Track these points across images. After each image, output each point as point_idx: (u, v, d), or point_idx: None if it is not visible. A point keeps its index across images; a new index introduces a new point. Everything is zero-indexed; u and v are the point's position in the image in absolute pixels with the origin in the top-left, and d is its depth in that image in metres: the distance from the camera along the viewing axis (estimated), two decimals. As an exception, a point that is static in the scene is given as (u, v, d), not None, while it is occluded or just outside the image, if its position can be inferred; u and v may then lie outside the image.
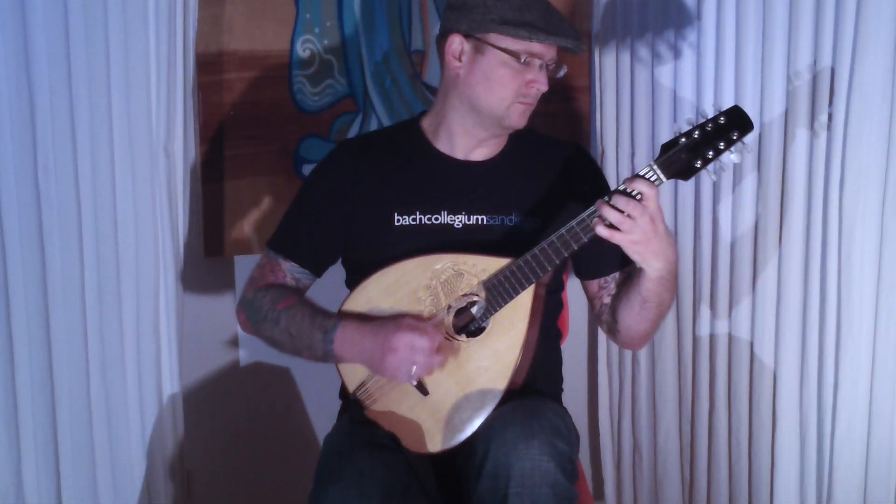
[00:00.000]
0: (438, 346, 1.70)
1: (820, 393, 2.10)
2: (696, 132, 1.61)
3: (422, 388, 1.75)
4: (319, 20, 2.38)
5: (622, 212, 1.59)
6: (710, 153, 1.61)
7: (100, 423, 1.99)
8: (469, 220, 1.81)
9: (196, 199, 2.30)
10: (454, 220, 1.81)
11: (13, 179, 1.79)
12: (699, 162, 1.62)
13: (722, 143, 1.61)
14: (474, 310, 1.75)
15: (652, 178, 1.62)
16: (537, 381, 1.81)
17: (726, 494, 2.33)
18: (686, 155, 1.62)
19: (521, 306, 1.72)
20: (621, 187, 1.62)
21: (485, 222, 1.81)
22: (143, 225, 2.03)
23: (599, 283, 1.88)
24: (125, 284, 2.01)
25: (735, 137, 1.61)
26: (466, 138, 1.84)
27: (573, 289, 2.03)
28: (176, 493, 2.20)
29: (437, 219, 1.81)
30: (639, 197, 1.59)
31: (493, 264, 1.72)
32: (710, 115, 1.62)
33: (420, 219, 1.82)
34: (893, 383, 2.05)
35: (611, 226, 1.60)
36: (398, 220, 1.82)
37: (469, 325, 1.75)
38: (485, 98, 1.76)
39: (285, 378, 2.66)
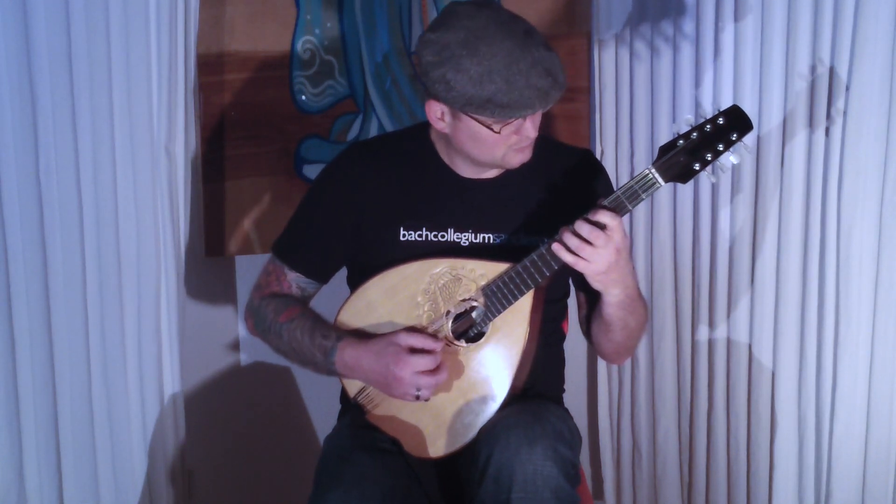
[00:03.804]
0: (441, 362, 1.69)
1: (818, 393, 2.11)
2: (695, 134, 1.59)
3: (424, 394, 1.75)
4: (320, 21, 2.37)
5: (591, 243, 1.58)
6: (709, 155, 1.58)
7: (101, 424, 2.00)
8: (476, 238, 1.78)
9: (197, 199, 2.30)
10: (461, 238, 1.78)
11: (15, 179, 1.79)
12: (698, 164, 1.59)
13: (721, 145, 1.58)
14: (474, 314, 1.74)
15: (650, 182, 1.61)
16: (538, 383, 1.80)
17: (725, 494, 2.34)
18: (684, 158, 1.59)
19: (521, 311, 1.70)
20: (586, 215, 1.60)
21: (492, 240, 1.78)
22: (145, 225, 2.03)
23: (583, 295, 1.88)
24: (126, 284, 2.01)
25: (734, 139, 1.58)
26: (472, 167, 1.79)
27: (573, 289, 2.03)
28: (177, 493, 2.20)
29: (443, 236, 1.78)
30: (604, 228, 1.58)
31: (492, 269, 1.71)
32: (709, 115, 1.59)
33: (426, 235, 1.78)
34: (891, 383, 2.06)
35: (575, 254, 1.59)
36: (404, 235, 1.78)
37: (469, 330, 1.74)
38: (476, 153, 1.71)
39: (286, 379, 2.66)
